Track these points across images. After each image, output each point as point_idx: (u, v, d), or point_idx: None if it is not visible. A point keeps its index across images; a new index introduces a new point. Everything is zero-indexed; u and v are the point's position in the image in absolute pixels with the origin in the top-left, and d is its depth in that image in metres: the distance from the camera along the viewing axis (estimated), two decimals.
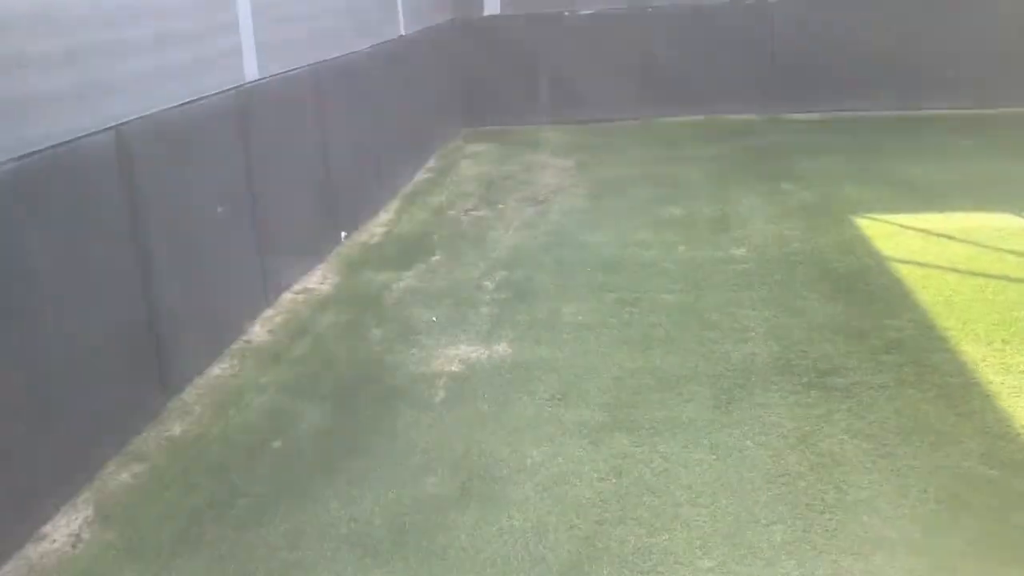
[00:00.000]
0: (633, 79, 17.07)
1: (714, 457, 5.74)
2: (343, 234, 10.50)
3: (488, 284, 9.02)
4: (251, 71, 8.07)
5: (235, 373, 7.22)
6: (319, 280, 9.31)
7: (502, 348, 7.48)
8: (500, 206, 11.95)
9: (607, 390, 6.66)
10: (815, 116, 16.56)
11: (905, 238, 9.70)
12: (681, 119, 16.84)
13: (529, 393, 6.69)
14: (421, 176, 13.78)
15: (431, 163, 14.57)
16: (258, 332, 7.98)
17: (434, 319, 8.16)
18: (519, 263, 9.58)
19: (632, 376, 6.86)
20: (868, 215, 10.57)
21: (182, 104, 6.97)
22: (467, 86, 17.16)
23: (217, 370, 7.25)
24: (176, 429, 6.37)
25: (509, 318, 8.10)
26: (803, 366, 6.88)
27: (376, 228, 11.18)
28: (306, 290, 9.01)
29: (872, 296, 8.17)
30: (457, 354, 7.42)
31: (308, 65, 9.60)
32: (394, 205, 12.21)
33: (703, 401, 6.44)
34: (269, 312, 8.39)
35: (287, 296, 8.79)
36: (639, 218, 10.96)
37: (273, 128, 8.60)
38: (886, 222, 10.28)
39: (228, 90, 7.70)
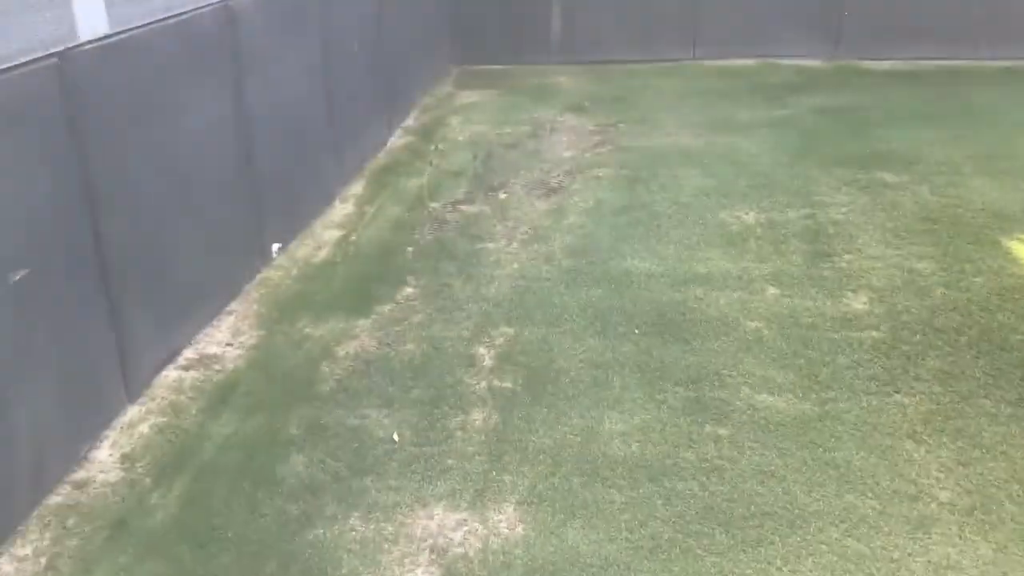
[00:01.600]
0: (668, 9, 13.61)
1: None
2: (275, 247, 7.29)
3: (483, 354, 5.87)
4: (91, 24, 4.76)
5: (39, 572, 4.11)
6: (227, 337, 6.14)
7: (505, 523, 4.37)
8: (501, 195, 8.71)
9: None
10: (894, 64, 13.19)
11: None
12: (728, 63, 13.44)
13: None
14: (397, 140, 10.46)
15: (411, 120, 11.22)
16: (104, 460, 4.85)
17: (395, 437, 5.04)
18: (529, 310, 6.42)
19: None
20: None
21: None
22: (459, 13, 13.66)
23: (7, 567, 4.14)
24: None
25: (517, 438, 4.99)
26: None
27: (327, 231, 7.94)
28: (202, 360, 5.85)
29: None
30: (428, 533, 4.32)
31: (214, 3, 6.25)
32: (357, 188, 8.95)
33: None
34: (131, 413, 5.24)
35: (169, 376, 5.63)
36: (697, 226, 7.76)
37: (140, 108, 5.34)
38: None
39: (38, 60, 4.41)
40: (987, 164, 9.03)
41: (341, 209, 8.42)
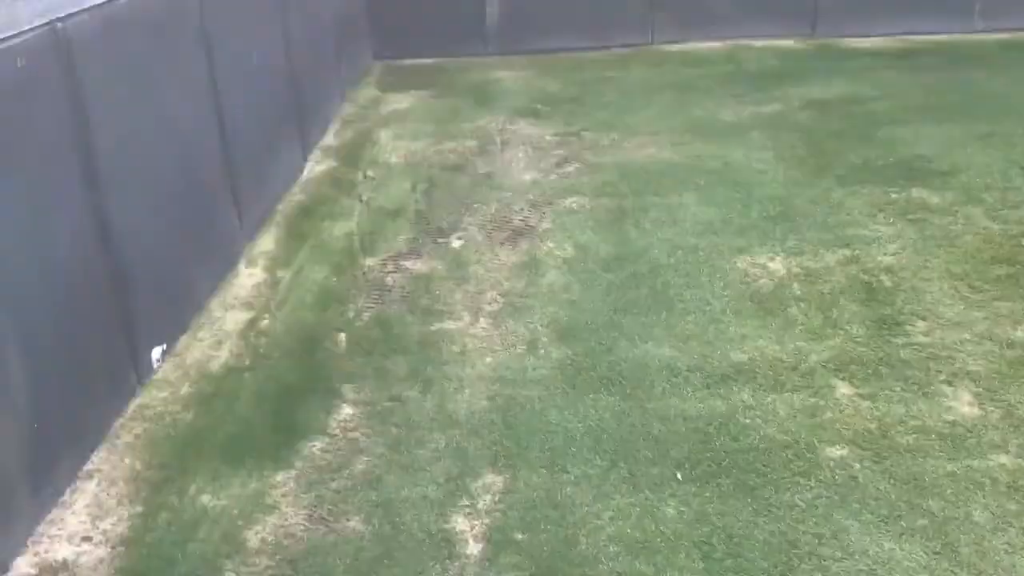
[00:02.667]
0: None
1: None
2: (156, 352, 5.29)
3: (464, 531, 4.03)
4: None
5: None
6: (84, 524, 4.16)
7: None
8: (454, 242, 6.83)
9: None
10: (881, 42, 11.61)
11: None
12: (693, 47, 11.70)
13: None
14: (315, 167, 8.45)
15: (330, 138, 9.20)
16: None
17: None
18: (519, 439, 4.59)
19: None
20: None
21: None
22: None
23: None
24: None
25: None
26: None
27: (229, 313, 5.96)
28: (41, 573, 3.86)
29: None
30: None
31: (38, 27, 4.20)
32: (267, 243, 6.96)
33: None
34: None
35: None
36: (714, 282, 6.00)
37: None
38: None
39: None
40: None
41: (247, 276, 6.43)
